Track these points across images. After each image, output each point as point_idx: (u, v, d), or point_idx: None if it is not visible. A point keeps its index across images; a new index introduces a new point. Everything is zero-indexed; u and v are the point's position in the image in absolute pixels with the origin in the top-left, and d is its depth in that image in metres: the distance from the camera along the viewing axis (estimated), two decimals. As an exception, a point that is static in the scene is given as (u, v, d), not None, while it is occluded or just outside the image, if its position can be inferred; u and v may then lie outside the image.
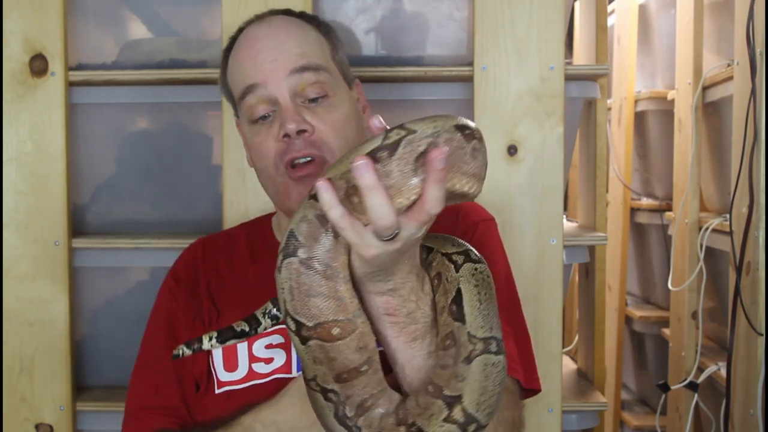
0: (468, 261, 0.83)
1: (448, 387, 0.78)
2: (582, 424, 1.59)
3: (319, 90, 1.05)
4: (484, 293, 0.81)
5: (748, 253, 1.80)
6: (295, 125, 1.02)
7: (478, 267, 0.83)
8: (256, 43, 1.07)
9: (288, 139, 1.03)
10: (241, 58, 1.09)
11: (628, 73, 2.61)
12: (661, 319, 2.55)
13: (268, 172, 1.07)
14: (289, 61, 1.05)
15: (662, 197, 2.60)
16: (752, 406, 1.76)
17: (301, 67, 1.05)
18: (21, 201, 1.49)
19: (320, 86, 1.06)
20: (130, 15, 1.60)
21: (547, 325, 1.47)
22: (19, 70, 1.48)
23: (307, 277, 0.77)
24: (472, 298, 0.80)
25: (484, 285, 0.82)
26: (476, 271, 0.82)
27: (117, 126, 1.60)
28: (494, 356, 0.78)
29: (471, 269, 0.82)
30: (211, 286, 1.13)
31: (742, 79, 1.82)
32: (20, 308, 1.49)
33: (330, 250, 0.77)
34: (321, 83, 1.06)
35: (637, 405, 2.85)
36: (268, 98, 1.05)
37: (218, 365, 1.05)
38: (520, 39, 1.46)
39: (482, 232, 1.09)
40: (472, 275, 0.81)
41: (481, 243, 1.05)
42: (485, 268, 0.83)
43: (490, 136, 1.47)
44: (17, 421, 1.48)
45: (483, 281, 0.82)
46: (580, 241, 1.59)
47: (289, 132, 1.02)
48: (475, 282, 0.81)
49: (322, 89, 1.06)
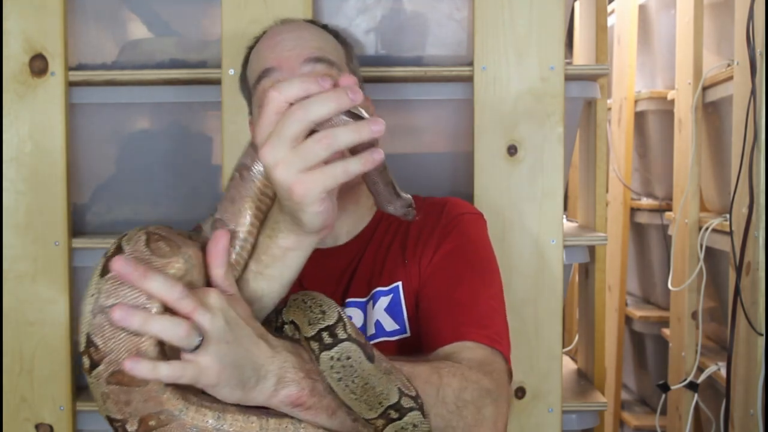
0: (323, 349, 0.76)
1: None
2: (582, 424, 1.59)
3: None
4: (352, 380, 0.75)
5: (748, 253, 1.80)
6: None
7: (334, 354, 0.75)
8: (277, 36, 1.12)
9: None
10: (260, 48, 1.13)
11: (628, 73, 2.61)
12: (661, 319, 2.55)
13: None
14: (306, 51, 1.08)
15: (662, 197, 2.60)
16: (752, 406, 1.76)
17: (316, 57, 1.08)
18: (21, 201, 1.49)
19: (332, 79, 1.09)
20: (130, 15, 1.60)
21: (547, 325, 1.47)
22: (19, 70, 1.48)
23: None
24: (344, 392, 0.75)
25: (347, 371, 0.75)
26: (333, 360, 0.75)
27: (117, 126, 1.59)
28: (399, 422, 0.75)
29: (328, 361, 0.75)
30: None
31: (742, 79, 1.82)
32: (20, 308, 1.49)
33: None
34: (332, 76, 1.07)
35: (637, 405, 2.85)
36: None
37: None
38: (520, 39, 1.46)
39: (465, 224, 1.10)
40: (331, 368, 0.75)
41: (462, 234, 1.08)
42: (343, 350, 0.75)
43: (490, 136, 1.47)
44: (17, 421, 1.48)
45: (344, 368, 0.75)
46: (580, 241, 1.59)
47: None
48: (338, 375, 0.75)
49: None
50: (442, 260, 1.06)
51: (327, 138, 0.70)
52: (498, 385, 0.91)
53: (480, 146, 1.46)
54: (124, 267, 0.70)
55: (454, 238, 1.08)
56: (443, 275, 1.05)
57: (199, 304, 0.71)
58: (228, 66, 1.45)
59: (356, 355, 0.75)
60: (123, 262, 0.70)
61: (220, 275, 0.77)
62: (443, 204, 1.13)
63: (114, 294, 0.72)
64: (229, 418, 0.76)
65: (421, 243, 1.09)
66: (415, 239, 1.09)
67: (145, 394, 0.74)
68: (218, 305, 0.73)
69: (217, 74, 1.47)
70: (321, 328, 0.76)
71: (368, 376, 0.75)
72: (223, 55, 1.46)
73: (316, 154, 0.70)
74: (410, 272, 1.07)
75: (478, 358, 0.94)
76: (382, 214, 1.16)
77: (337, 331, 0.76)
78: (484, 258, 1.09)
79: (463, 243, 1.08)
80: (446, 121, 1.57)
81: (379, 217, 1.16)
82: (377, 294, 1.07)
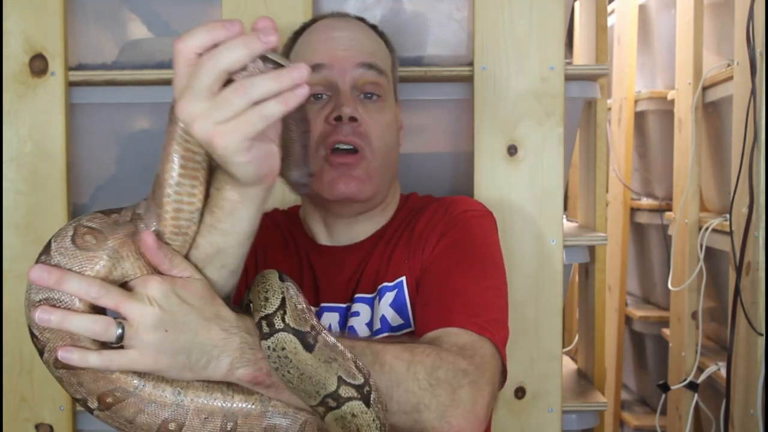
0: (262, 338, 0.76)
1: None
2: (582, 424, 1.59)
3: (376, 89, 1.10)
4: (288, 371, 0.75)
5: (748, 253, 1.80)
6: (350, 110, 1.06)
7: (270, 344, 0.75)
8: (333, 31, 1.12)
9: (337, 123, 1.06)
10: (315, 39, 1.13)
11: (628, 73, 2.61)
12: (661, 319, 2.55)
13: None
14: (360, 55, 1.09)
15: (662, 197, 2.60)
16: (752, 406, 1.76)
17: (369, 63, 1.09)
18: (21, 201, 1.49)
19: (378, 87, 1.11)
20: (130, 15, 1.60)
21: (547, 325, 1.47)
22: (19, 70, 1.48)
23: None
24: (283, 380, 0.76)
25: (283, 362, 0.75)
26: (270, 350, 0.75)
27: (117, 126, 1.59)
28: (338, 410, 0.76)
29: (266, 350, 0.75)
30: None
31: (742, 79, 1.82)
32: (20, 308, 1.46)
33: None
34: (379, 85, 1.11)
35: (637, 405, 2.85)
36: (329, 81, 1.09)
37: None
38: (520, 39, 1.46)
39: (469, 220, 1.10)
40: (269, 357, 0.75)
41: (464, 230, 1.07)
42: (279, 340, 0.75)
43: (490, 136, 1.47)
44: (17, 421, 1.48)
45: (280, 359, 0.75)
46: (580, 241, 1.59)
47: (343, 115, 1.06)
48: (275, 365, 0.75)
49: (379, 89, 1.11)
50: (441, 252, 1.06)
51: (243, 87, 0.67)
52: (478, 368, 0.89)
53: (480, 146, 1.46)
54: (39, 274, 0.73)
55: (455, 233, 1.07)
56: (439, 266, 1.04)
57: (123, 298, 0.73)
58: (228, 66, 1.44)
59: (291, 345, 0.75)
60: (38, 271, 0.73)
61: (164, 268, 0.76)
62: (451, 202, 1.14)
63: (43, 290, 0.75)
64: (191, 393, 0.78)
65: (424, 238, 1.09)
66: (420, 234, 1.10)
67: (93, 375, 0.77)
68: (157, 294, 0.73)
69: (217, 74, 1.47)
70: (261, 317, 0.76)
71: (304, 366, 0.75)
72: (223, 55, 1.45)
73: (232, 104, 0.67)
74: (413, 267, 1.07)
75: (460, 343, 0.92)
76: (397, 213, 1.16)
77: (274, 320, 0.75)
78: (485, 253, 1.08)
79: (464, 238, 1.07)
80: (446, 121, 1.57)
81: (394, 215, 1.16)
82: (383, 290, 1.07)
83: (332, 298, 1.10)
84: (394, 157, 1.14)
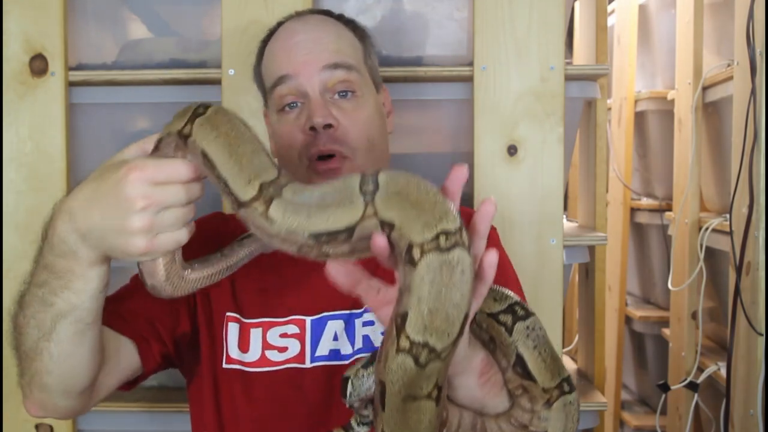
0: (517, 320, 0.80)
1: (532, 425, 0.80)
2: (582, 424, 1.59)
3: (348, 86, 1.08)
4: (544, 349, 0.80)
5: (748, 253, 1.80)
6: (322, 119, 1.05)
7: (528, 324, 0.80)
8: (293, 37, 1.10)
9: (313, 132, 1.05)
10: (276, 50, 1.12)
11: (628, 73, 2.61)
12: (661, 319, 2.55)
13: (293, 162, 1.08)
14: (323, 57, 1.07)
15: (662, 197, 2.60)
16: (752, 406, 1.76)
17: (333, 63, 1.07)
18: (21, 201, 1.49)
19: (349, 83, 1.09)
20: (130, 15, 1.60)
21: (547, 325, 1.45)
22: (19, 70, 1.48)
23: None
24: (535, 360, 0.80)
25: (541, 340, 0.80)
26: (529, 330, 0.80)
27: (117, 126, 1.59)
28: (569, 395, 0.79)
29: (523, 330, 0.80)
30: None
31: (742, 79, 1.82)
32: (20, 308, 1.48)
33: None
34: (350, 81, 1.09)
35: (637, 405, 2.85)
36: (299, 90, 1.08)
37: (231, 340, 1.05)
38: (520, 39, 1.45)
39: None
40: (527, 336, 0.80)
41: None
42: (535, 321, 0.81)
43: (490, 136, 1.47)
44: (17, 421, 1.48)
45: (539, 338, 0.80)
46: (580, 241, 1.59)
47: (315, 125, 1.05)
48: (533, 343, 0.80)
49: (351, 86, 1.09)
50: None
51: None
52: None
53: (480, 146, 1.46)
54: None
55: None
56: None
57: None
58: (228, 66, 1.45)
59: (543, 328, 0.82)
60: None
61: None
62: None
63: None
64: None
65: None
66: None
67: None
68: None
69: (216, 74, 1.47)
70: (509, 305, 0.82)
71: (550, 342, 0.81)
72: (223, 55, 1.46)
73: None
74: None
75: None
76: None
77: (526, 306, 0.82)
78: (507, 275, 1.09)
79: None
80: (446, 121, 1.57)
81: None
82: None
83: (333, 305, 1.07)
84: (382, 146, 1.13)
